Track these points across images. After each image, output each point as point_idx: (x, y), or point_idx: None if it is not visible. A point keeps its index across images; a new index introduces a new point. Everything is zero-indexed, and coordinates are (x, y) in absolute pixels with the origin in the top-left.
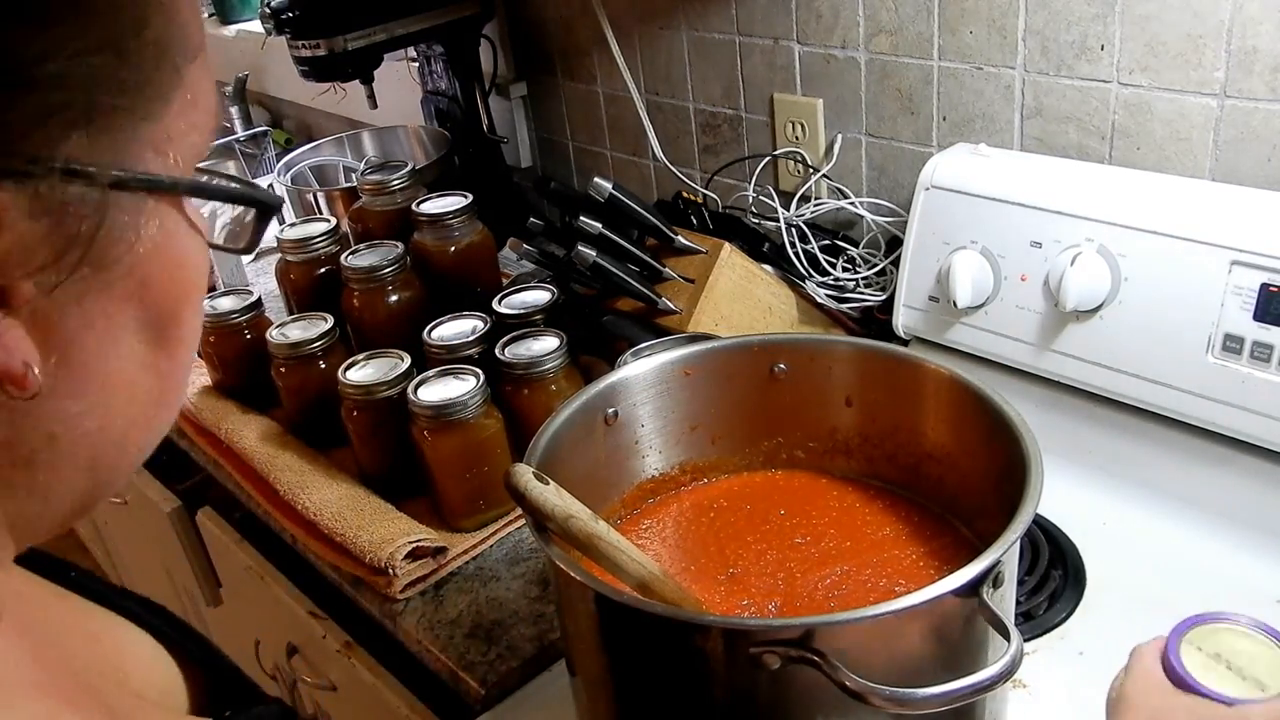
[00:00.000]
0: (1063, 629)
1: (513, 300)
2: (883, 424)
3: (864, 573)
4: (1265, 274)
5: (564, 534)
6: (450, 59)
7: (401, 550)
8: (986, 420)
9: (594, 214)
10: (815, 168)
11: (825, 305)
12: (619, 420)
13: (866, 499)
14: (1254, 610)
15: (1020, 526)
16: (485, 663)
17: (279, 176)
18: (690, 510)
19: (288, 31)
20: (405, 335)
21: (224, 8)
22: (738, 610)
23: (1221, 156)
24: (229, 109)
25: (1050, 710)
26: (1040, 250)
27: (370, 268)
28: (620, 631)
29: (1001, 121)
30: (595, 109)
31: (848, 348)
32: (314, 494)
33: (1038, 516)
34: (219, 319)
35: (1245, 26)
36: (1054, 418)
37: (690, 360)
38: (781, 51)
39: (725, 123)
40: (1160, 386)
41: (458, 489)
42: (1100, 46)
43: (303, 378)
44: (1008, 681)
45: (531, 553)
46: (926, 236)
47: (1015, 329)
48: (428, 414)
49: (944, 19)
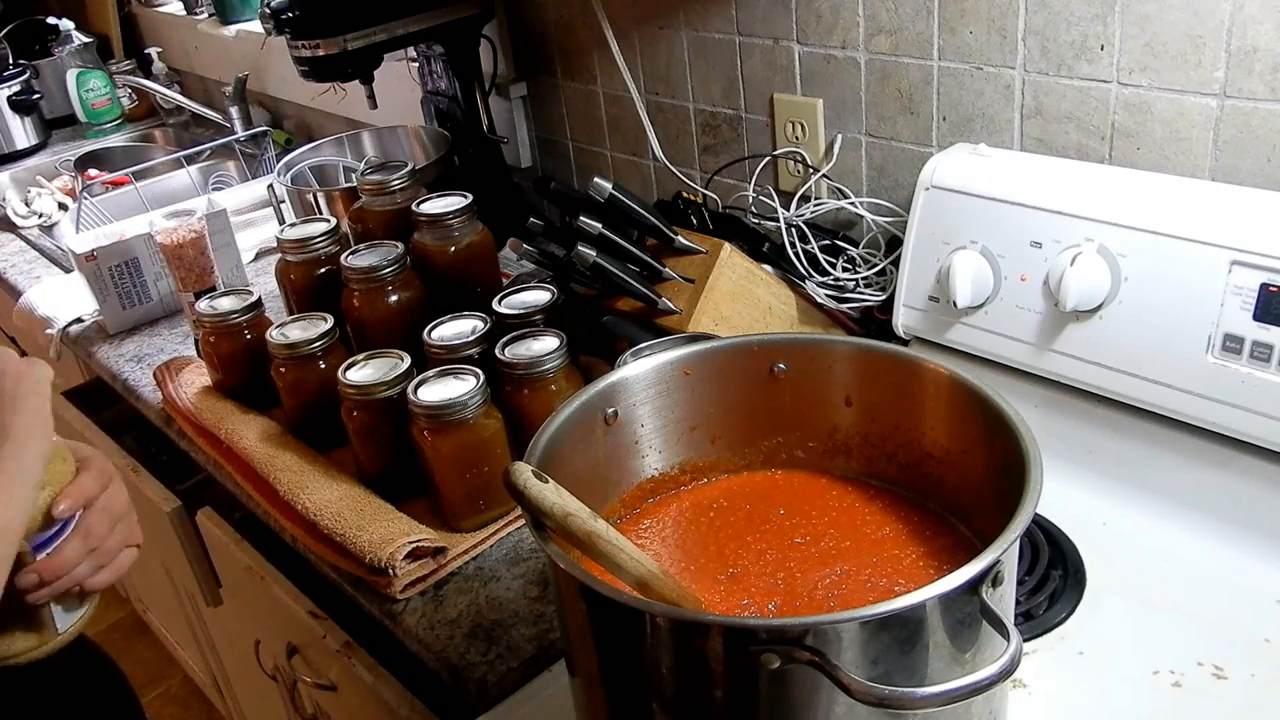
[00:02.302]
0: (1063, 629)
1: (513, 300)
2: (883, 424)
3: (864, 573)
4: (1265, 274)
5: (563, 532)
6: (450, 59)
7: (401, 550)
8: (986, 420)
9: (594, 214)
10: (815, 168)
11: (825, 305)
12: (619, 420)
13: (866, 499)
14: (1254, 610)
15: (1020, 526)
16: (485, 663)
17: (279, 176)
18: (690, 510)
19: (288, 31)
20: (405, 335)
21: (224, 8)
22: (738, 610)
23: (1221, 156)
24: (229, 109)
25: (1050, 710)
26: (1040, 250)
27: (370, 268)
28: (620, 631)
29: (1001, 121)
30: (595, 109)
31: (848, 348)
32: (314, 494)
33: (1037, 516)
34: (219, 319)
35: (1245, 26)
36: (1054, 418)
37: (690, 360)
38: (781, 51)
39: (725, 123)
40: (1160, 386)
41: (458, 489)
42: (1100, 46)
43: (302, 378)
44: (1007, 681)
45: (531, 553)
46: (926, 236)
47: (1015, 329)
48: (428, 414)
49: (944, 19)
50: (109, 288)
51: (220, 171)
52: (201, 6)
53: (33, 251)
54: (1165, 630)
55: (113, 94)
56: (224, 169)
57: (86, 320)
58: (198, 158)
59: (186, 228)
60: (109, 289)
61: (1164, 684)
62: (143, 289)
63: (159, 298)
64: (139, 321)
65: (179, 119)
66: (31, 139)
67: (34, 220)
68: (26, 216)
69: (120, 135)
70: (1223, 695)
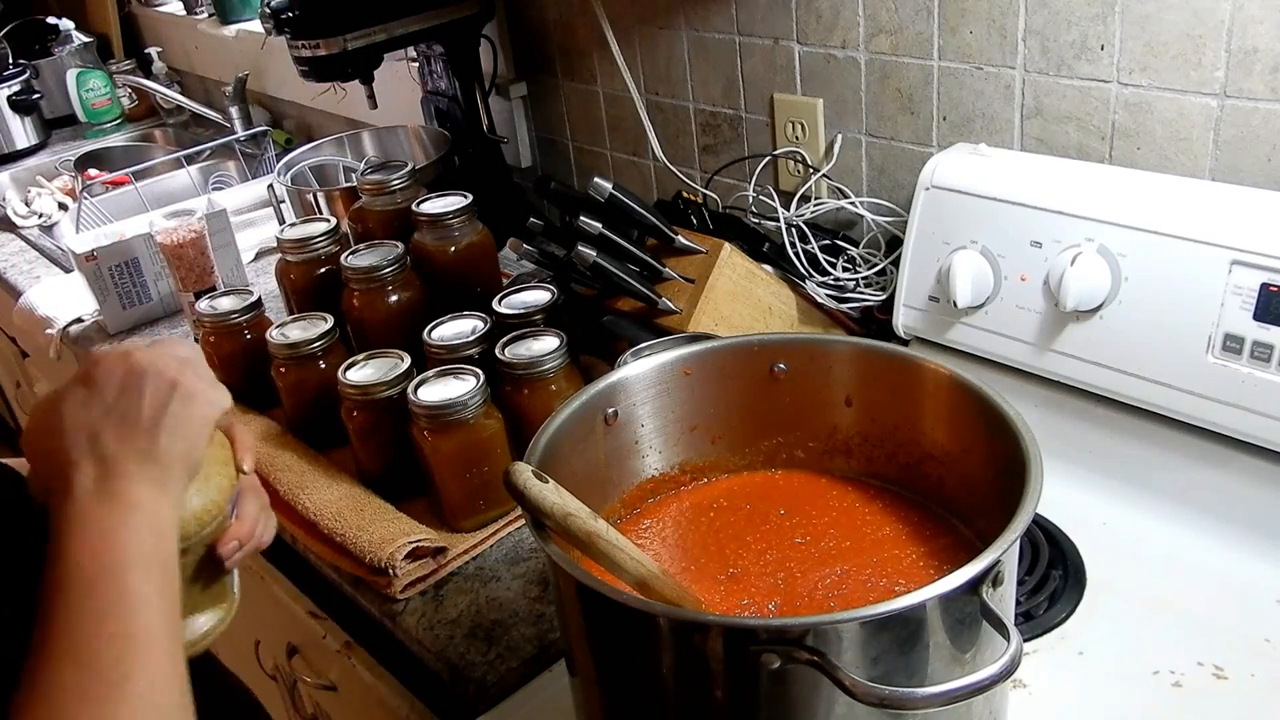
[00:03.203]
0: (1063, 629)
1: (513, 300)
2: (883, 424)
3: (864, 573)
4: (1265, 274)
5: (563, 532)
6: (450, 59)
7: (401, 550)
8: (986, 420)
9: (594, 214)
10: (815, 168)
11: (825, 305)
12: (619, 420)
13: (866, 499)
14: (1254, 610)
15: (1020, 526)
16: (485, 663)
17: (279, 176)
18: (690, 510)
19: (288, 31)
20: (405, 335)
21: (224, 8)
22: (738, 610)
23: (1221, 156)
24: (229, 109)
25: (1050, 710)
26: (1040, 250)
27: (370, 268)
28: (620, 631)
29: (1001, 121)
30: (595, 109)
31: (848, 348)
32: (314, 494)
33: (1038, 516)
34: (219, 319)
35: (1245, 26)
36: (1054, 418)
37: (690, 360)
38: (781, 51)
39: (725, 123)
40: (1160, 386)
41: (458, 489)
42: (1100, 46)
43: (302, 378)
44: (1007, 681)
45: (531, 553)
46: (926, 236)
47: (1015, 329)
48: (428, 414)
49: (944, 19)
50: (109, 288)
51: (220, 171)
52: (201, 6)
53: (33, 251)
54: (1165, 630)
55: (113, 94)
56: (224, 169)
57: (86, 320)
58: (198, 158)
59: (186, 228)
60: (109, 289)
61: (1164, 684)
62: (143, 289)
63: (159, 298)
64: (139, 321)
65: (179, 119)
66: (31, 139)
67: (34, 220)
68: (26, 216)
69: (120, 135)
70: (1223, 695)
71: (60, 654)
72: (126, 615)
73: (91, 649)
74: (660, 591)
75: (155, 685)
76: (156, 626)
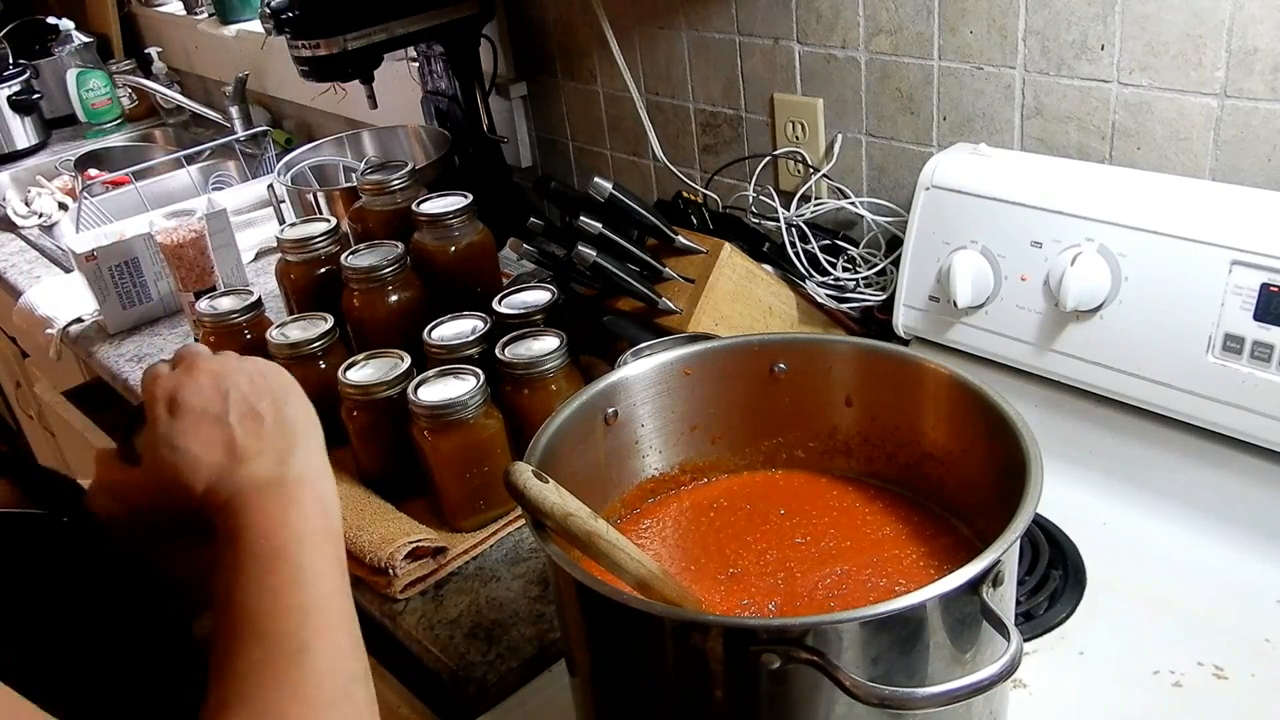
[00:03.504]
0: (1063, 629)
1: (513, 300)
2: (883, 424)
3: (864, 573)
4: (1265, 274)
5: (563, 532)
6: (450, 59)
7: (401, 550)
8: (986, 420)
9: (594, 214)
10: (815, 168)
11: (825, 305)
12: (619, 420)
13: (866, 499)
14: (1254, 610)
15: (1020, 526)
16: (485, 663)
17: (279, 176)
18: (690, 510)
19: (288, 31)
20: (405, 335)
21: (224, 8)
22: (738, 610)
23: (1221, 156)
24: (229, 109)
25: (1050, 710)
26: (1040, 250)
27: (370, 268)
28: (620, 631)
29: (1001, 121)
30: (595, 109)
31: (848, 348)
32: None
33: (1038, 516)
34: (219, 319)
35: (1245, 26)
36: (1054, 418)
37: (690, 360)
38: (781, 51)
39: (725, 123)
40: (1160, 386)
41: (458, 489)
42: (1100, 46)
43: (302, 378)
44: (1007, 681)
45: (531, 553)
46: (926, 236)
47: (1015, 329)
48: (428, 414)
49: (944, 19)
50: (109, 288)
51: (220, 171)
52: (201, 6)
53: (33, 251)
54: (1165, 630)
55: (113, 94)
56: (224, 169)
57: (86, 320)
58: (198, 158)
59: (186, 228)
60: (109, 289)
61: (1164, 684)
62: (143, 289)
63: (159, 298)
64: (139, 321)
65: (179, 119)
66: (31, 139)
67: (34, 220)
68: (26, 216)
69: (120, 135)
70: (1223, 695)
71: (243, 633)
72: (302, 588)
73: (272, 623)
74: (660, 591)
75: (333, 654)
76: (331, 598)
